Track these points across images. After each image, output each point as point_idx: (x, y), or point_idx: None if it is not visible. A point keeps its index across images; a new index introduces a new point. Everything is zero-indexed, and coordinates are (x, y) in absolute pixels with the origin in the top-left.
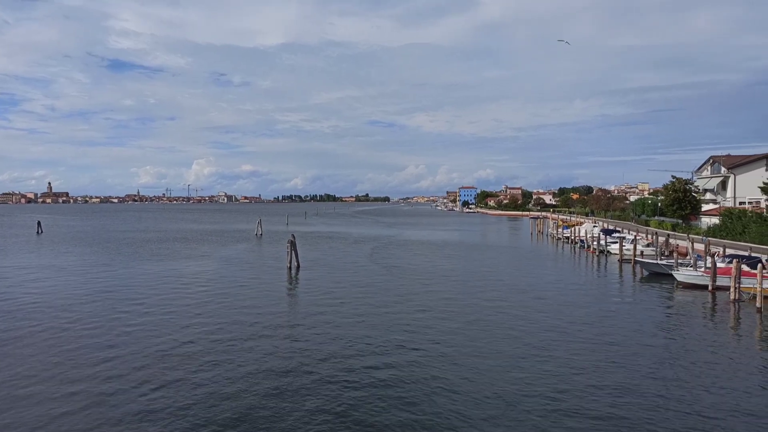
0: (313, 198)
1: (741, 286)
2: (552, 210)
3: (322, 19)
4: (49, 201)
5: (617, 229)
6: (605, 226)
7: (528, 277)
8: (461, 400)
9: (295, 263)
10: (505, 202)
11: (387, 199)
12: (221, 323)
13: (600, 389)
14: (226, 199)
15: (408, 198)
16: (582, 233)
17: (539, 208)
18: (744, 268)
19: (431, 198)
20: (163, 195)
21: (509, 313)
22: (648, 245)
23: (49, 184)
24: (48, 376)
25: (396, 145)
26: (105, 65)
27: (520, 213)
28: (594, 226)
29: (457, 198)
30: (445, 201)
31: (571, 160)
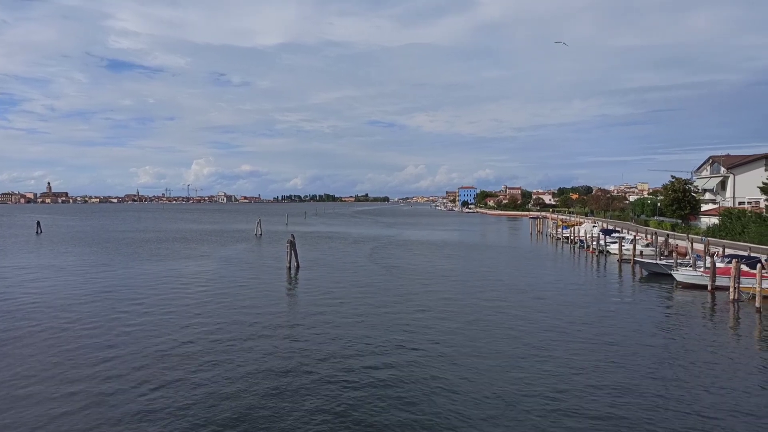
0: (312, 198)
1: (740, 286)
2: (551, 210)
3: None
4: (48, 201)
5: (617, 229)
6: (605, 226)
7: (527, 277)
8: (460, 400)
9: (295, 263)
10: (504, 202)
11: (386, 199)
12: (221, 323)
13: (599, 389)
14: (225, 199)
15: (407, 198)
16: (581, 233)
17: (539, 208)
18: (743, 268)
19: (431, 198)
20: (163, 195)
21: (509, 313)
22: (647, 245)
23: (48, 184)
24: (47, 376)
25: (395, 145)
26: (104, 65)
27: (519, 213)
28: (593, 226)
29: (457, 198)
30: (444, 201)
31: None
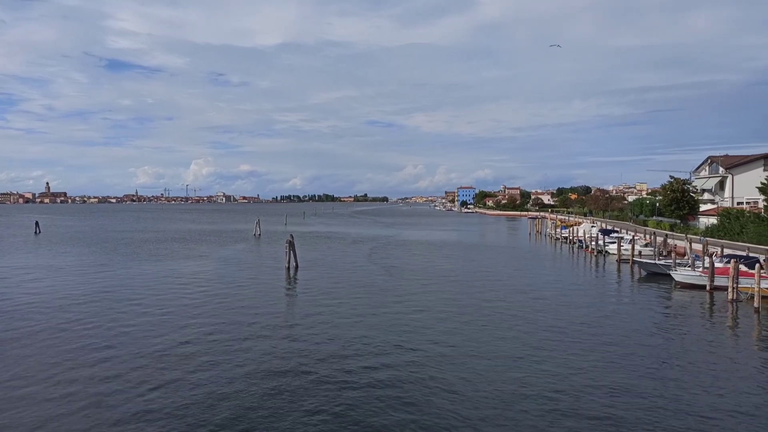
0: (311, 198)
1: (739, 286)
2: (550, 210)
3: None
4: (47, 201)
5: (615, 229)
6: (603, 226)
7: (526, 278)
8: (459, 400)
9: (294, 263)
10: (503, 202)
11: (385, 199)
12: (219, 323)
13: (598, 389)
14: (224, 199)
15: (406, 198)
16: (580, 233)
17: (537, 208)
18: (742, 268)
19: (430, 198)
20: (162, 195)
21: (507, 313)
22: (646, 245)
23: (47, 184)
24: (46, 377)
25: (394, 145)
26: (103, 65)
27: (518, 213)
28: (592, 226)
29: (456, 198)
30: (443, 201)
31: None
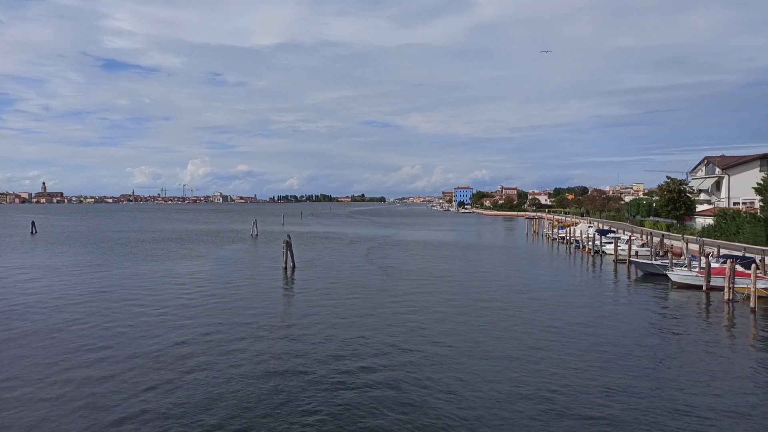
0: (308, 198)
1: (735, 287)
2: (547, 210)
3: (318, 19)
4: (43, 201)
5: (612, 229)
6: (600, 226)
7: (523, 278)
8: (456, 401)
9: (291, 263)
10: (500, 202)
11: (383, 199)
12: (216, 324)
13: (595, 389)
14: (221, 199)
15: (404, 198)
16: (577, 233)
17: (535, 209)
18: (738, 268)
19: (427, 198)
20: (158, 195)
21: (504, 314)
22: (643, 245)
23: (43, 184)
24: (42, 377)
25: (392, 145)
26: (100, 65)
27: (515, 213)
28: (589, 227)
29: (453, 198)
30: (440, 201)
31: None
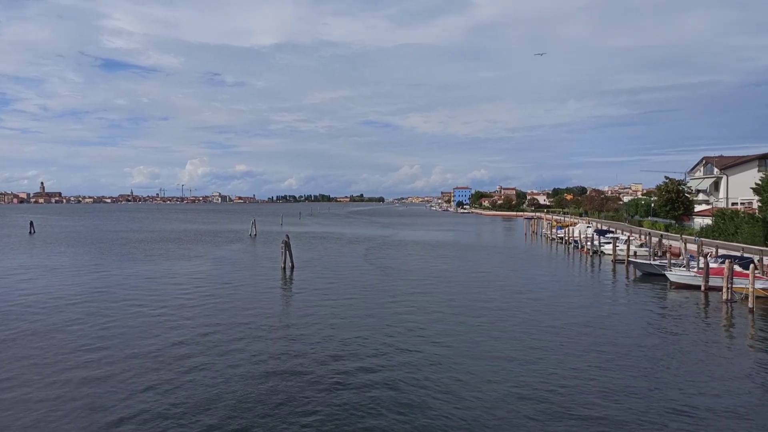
0: (307, 198)
1: (733, 287)
2: (546, 210)
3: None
4: (41, 201)
5: (611, 229)
6: (599, 226)
7: (522, 278)
8: (455, 401)
9: (290, 264)
10: (499, 202)
11: (381, 199)
12: (215, 324)
13: (593, 390)
14: (220, 199)
15: (402, 198)
16: (576, 234)
17: (533, 209)
18: (736, 268)
19: (426, 198)
20: (157, 195)
21: (503, 314)
22: (641, 246)
23: (41, 183)
24: (39, 378)
25: (390, 145)
26: (98, 65)
27: (514, 213)
28: (587, 227)
29: (452, 198)
30: (439, 201)
31: (564, 160)
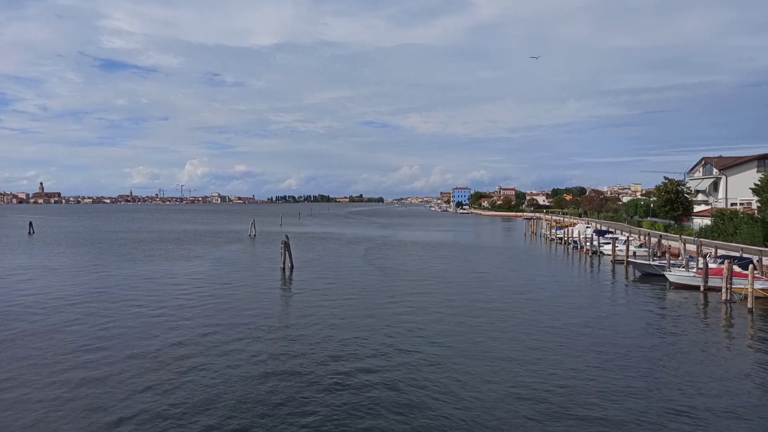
0: (306, 198)
1: (732, 287)
2: (545, 211)
3: (316, 19)
4: (40, 201)
5: (610, 230)
6: (598, 226)
7: (521, 278)
8: (454, 402)
9: (289, 264)
10: (498, 203)
11: (381, 199)
12: (214, 324)
13: (592, 390)
14: (219, 199)
15: (402, 199)
16: (575, 234)
17: (532, 209)
18: (735, 268)
19: (425, 199)
20: (156, 195)
21: (502, 315)
22: (640, 246)
23: (40, 184)
24: (38, 378)
25: (390, 145)
26: (97, 65)
27: (513, 214)
28: (587, 227)
29: (451, 199)
30: (438, 202)
31: (564, 161)
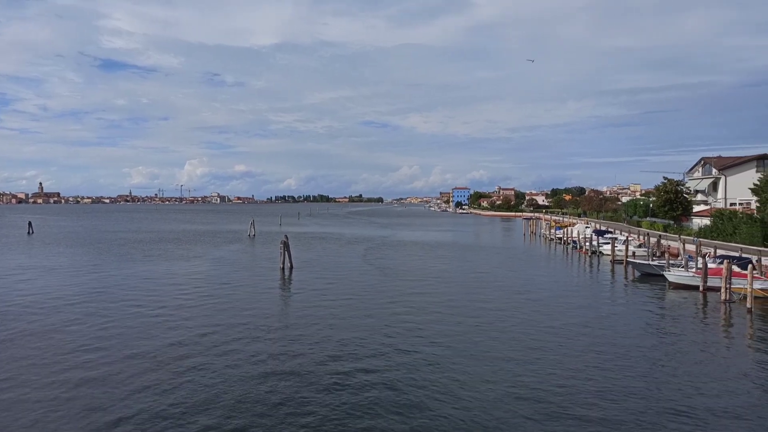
0: (306, 198)
1: (732, 287)
2: (544, 211)
3: (316, 19)
4: (40, 201)
5: (609, 230)
6: (597, 226)
7: (520, 279)
8: (453, 402)
9: (288, 264)
10: (498, 203)
11: (381, 199)
12: (214, 324)
13: (592, 390)
14: (219, 199)
15: (401, 199)
16: (574, 234)
17: (532, 209)
18: (735, 268)
19: (425, 199)
20: (156, 195)
21: (501, 315)
22: (640, 246)
23: (40, 184)
24: (37, 379)
25: (390, 145)
26: (97, 65)
27: (512, 214)
28: (586, 227)
29: (451, 199)
30: (438, 202)
31: (563, 161)
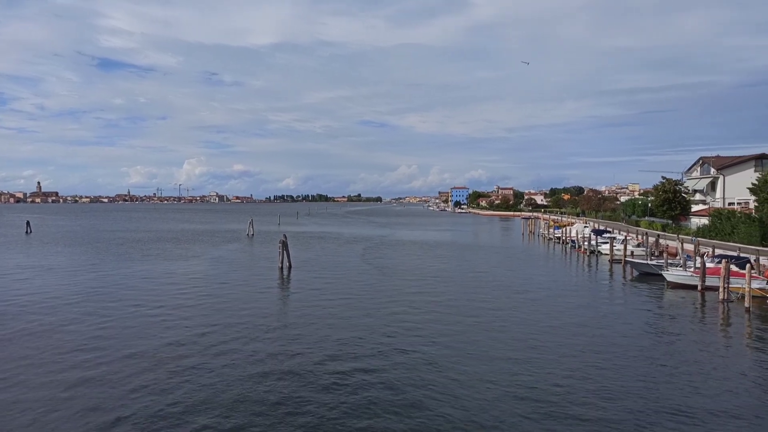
0: (305, 198)
1: (730, 286)
2: (543, 210)
3: (315, 19)
4: (38, 201)
5: (608, 229)
6: (596, 226)
7: (519, 278)
8: (452, 401)
9: (287, 263)
10: (496, 202)
11: (379, 199)
12: (212, 324)
13: (590, 390)
14: (217, 199)
15: (400, 198)
16: (573, 233)
17: (530, 209)
18: (733, 268)
19: (423, 198)
20: (154, 195)
21: (500, 314)
22: (638, 245)
23: (38, 183)
24: (36, 378)
25: (388, 145)
26: (95, 64)
27: (511, 213)
28: (585, 227)
29: (449, 198)
30: (437, 201)
31: (562, 160)
